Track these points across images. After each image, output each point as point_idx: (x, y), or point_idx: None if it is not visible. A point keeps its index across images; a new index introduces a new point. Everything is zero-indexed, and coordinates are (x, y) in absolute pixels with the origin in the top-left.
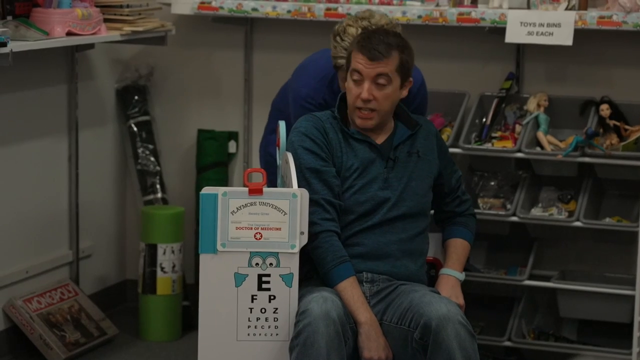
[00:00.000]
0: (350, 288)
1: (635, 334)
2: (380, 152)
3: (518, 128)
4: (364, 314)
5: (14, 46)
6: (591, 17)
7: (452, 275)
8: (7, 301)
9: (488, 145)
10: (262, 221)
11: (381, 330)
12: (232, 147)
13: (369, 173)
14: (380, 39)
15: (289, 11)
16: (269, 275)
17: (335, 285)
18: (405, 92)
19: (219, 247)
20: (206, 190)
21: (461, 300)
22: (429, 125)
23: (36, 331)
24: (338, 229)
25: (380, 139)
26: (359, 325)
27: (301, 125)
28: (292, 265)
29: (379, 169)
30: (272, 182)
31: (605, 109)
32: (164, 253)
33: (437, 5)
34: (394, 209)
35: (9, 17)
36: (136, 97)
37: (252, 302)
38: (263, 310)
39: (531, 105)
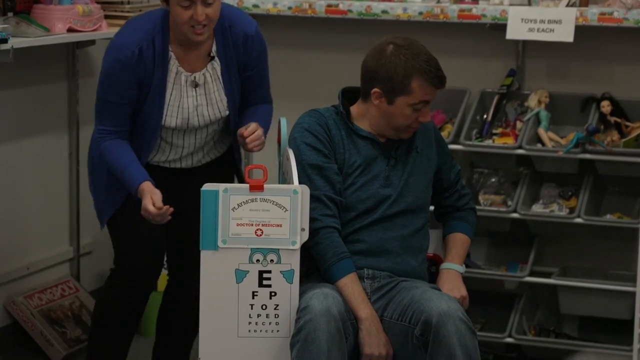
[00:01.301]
0: (350, 284)
1: (636, 330)
2: (383, 150)
3: (519, 125)
4: (364, 310)
5: (15, 42)
6: (592, 14)
7: (452, 269)
8: (8, 298)
9: (489, 142)
10: (263, 217)
11: (382, 326)
12: None
13: (371, 170)
14: (437, 64)
15: (289, 7)
16: (269, 272)
17: (335, 281)
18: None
19: (220, 244)
20: (207, 186)
21: (464, 292)
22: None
23: (37, 327)
24: (339, 225)
25: (383, 136)
26: (360, 321)
27: (304, 121)
28: (293, 262)
29: (381, 166)
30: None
31: (606, 106)
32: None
33: (438, 1)
34: (395, 206)
35: (10, 14)
36: None
37: (253, 298)
38: (264, 307)
39: (532, 101)
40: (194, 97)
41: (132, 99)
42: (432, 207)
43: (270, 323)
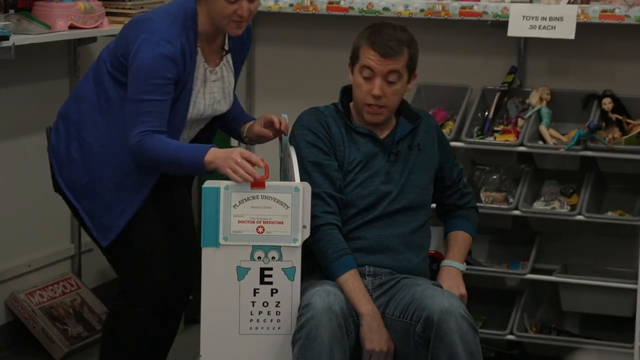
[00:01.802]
0: (351, 280)
1: (638, 327)
2: (383, 146)
3: (520, 122)
4: (365, 306)
5: (16, 40)
6: (593, 11)
7: (453, 266)
8: (9, 295)
9: (490, 139)
10: (264, 215)
11: (383, 322)
12: (234, 140)
13: (371, 167)
14: (390, 35)
15: (291, 5)
16: (271, 269)
17: (336, 277)
18: (410, 86)
19: (221, 241)
20: (208, 183)
21: (463, 291)
22: (429, 118)
23: (38, 325)
24: (339, 222)
25: (383, 133)
26: (361, 317)
27: (303, 119)
28: (295, 259)
29: (381, 163)
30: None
31: (607, 103)
32: None
33: None
34: (395, 202)
35: (11, 11)
36: None
37: (255, 295)
38: (265, 304)
39: (533, 99)
40: (212, 92)
41: (172, 95)
42: (433, 205)
43: (271, 320)
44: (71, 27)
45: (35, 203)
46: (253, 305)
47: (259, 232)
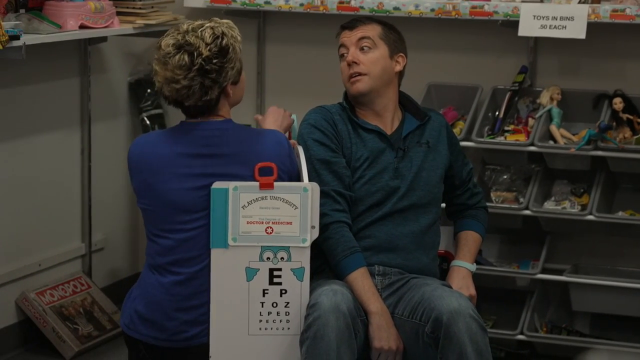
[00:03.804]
0: (361, 278)
1: None
2: (390, 142)
3: (531, 121)
4: (374, 304)
5: (27, 39)
6: (604, 11)
7: (463, 267)
8: (20, 294)
9: (501, 139)
10: (273, 215)
11: (392, 320)
12: None
13: (379, 163)
14: (360, 16)
15: (301, 4)
16: (280, 270)
17: (345, 276)
18: (399, 67)
19: (230, 242)
20: (217, 184)
21: (472, 291)
22: (439, 117)
23: (49, 324)
24: (349, 220)
25: (389, 129)
26: (370, 315)
27: (310, 117)
28: (304, 259)
29: (389, 158)
30: None
31: (618, 103)
32: None
33: None
34: (405, 199)
35: (22, 10)
36: (149, 90)
37: (264, 296)
38: (274, 305)
39: (544, 98)
40: None
41: None
42: (443, 205)
43: (280, 321)
44: (82, 26)
45: (46, 202)
46: (262, 306)
47: (267, 233)
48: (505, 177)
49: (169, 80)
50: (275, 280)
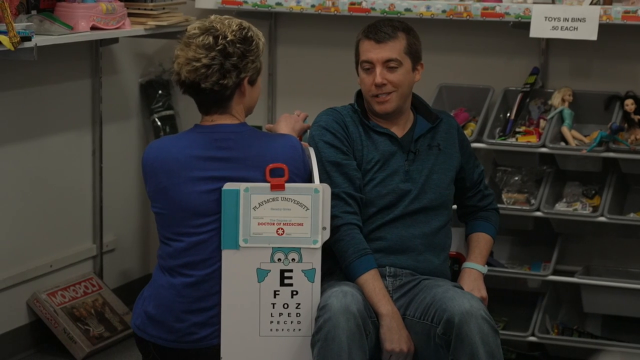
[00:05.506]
0: (371, 280)
1: None
2: (401, 145)
3: (542, 123)
4: (385, 306)
5: (39, 40)
6: (616, 12)
7: (474, 269)
8: (31, 295)
9: (512, 140)
10: (284, 217)
11: (403, 322)
12: None
13: (390, 166)
14: (384, 23)
15: (312, 5)
16: (291, 271)
17: (356, 278)
18: (418, 77)
19: (241, 243)
20: (228, 186)
21: (484, 293)
22: (450, 119)
23: (60, 325)
24: (360, 222)
25: (400, 132)
26: (381, 317)
27: (321, 119)
28: (315, 261)
29: (400, 161)
30: None
31: (630, 104)
32: None
33: None
34: (416, 202)
35: (34, 12)
36: (160, 92)
37: (275, 297)
38: (285, 306)
39: (555, 100)
40: None
41: None
42: (454, 207)
43: (292, 322)
44: (93, 27)
45: (57, 203)
46: (273, 307)
47: (278, 234)
48: (516, 178)
49: (190, 59)
50: (287, 281)
